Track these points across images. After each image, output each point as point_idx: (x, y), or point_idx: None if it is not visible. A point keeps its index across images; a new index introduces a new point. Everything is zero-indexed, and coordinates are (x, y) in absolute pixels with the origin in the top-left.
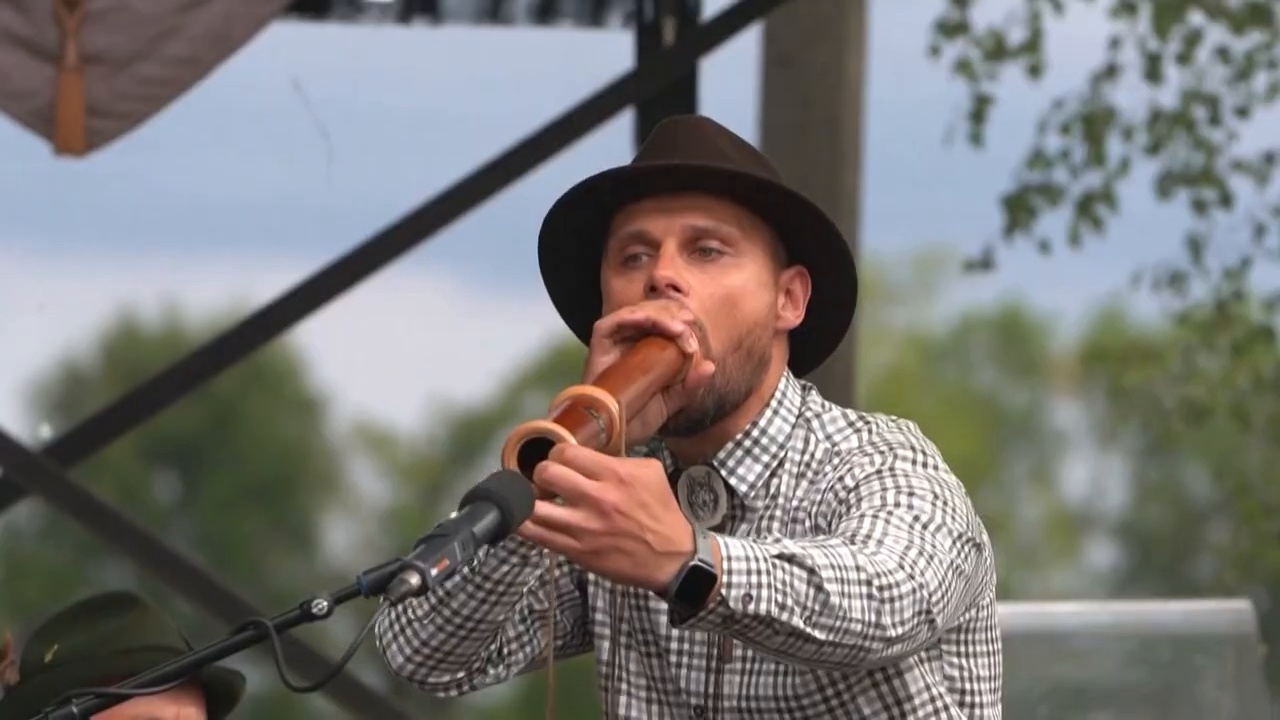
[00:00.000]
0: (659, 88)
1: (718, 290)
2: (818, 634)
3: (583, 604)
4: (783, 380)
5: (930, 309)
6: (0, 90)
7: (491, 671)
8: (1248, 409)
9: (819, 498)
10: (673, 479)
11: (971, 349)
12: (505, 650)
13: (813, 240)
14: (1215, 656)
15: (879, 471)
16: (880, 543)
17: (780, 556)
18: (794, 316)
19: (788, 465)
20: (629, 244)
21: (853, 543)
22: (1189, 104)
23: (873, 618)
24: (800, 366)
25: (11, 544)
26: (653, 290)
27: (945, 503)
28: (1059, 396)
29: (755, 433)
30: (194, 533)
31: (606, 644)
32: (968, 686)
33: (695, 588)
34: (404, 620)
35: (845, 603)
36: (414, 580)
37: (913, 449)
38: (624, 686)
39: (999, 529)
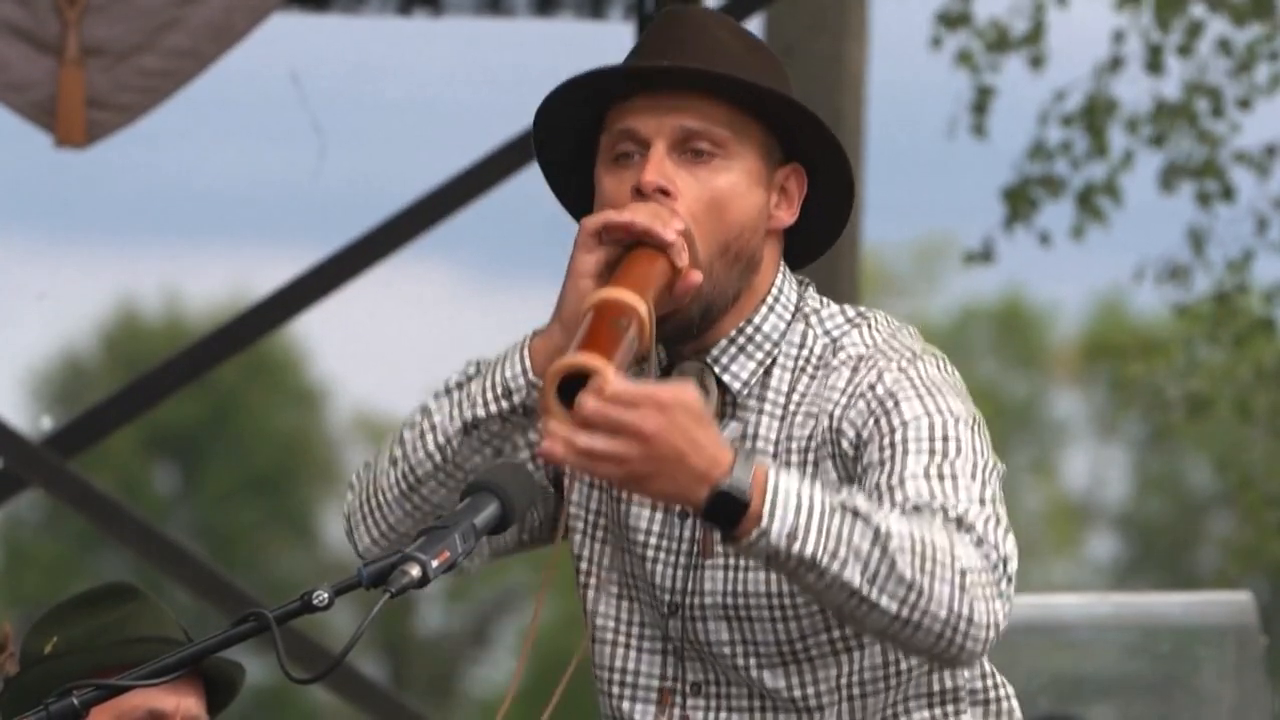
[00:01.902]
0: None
1: (705, 193)
2: (885, 601)
3: (557, 499)
4: (778, 276)
5: (931, 300)
6: (1, 82)
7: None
8: (1249, 401)
9: (838, 398)
10: (665, 374)
11: (972, 340)
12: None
13: (807, 139)
14: (1216, 648)
15: (912, 385)
16: (967, 516)
17: (844, 507)
18: (788, 215)
19: (781, 360)
20: (619, 141)
21: (945, 518)
22: (1191, 96)
23: (964, 609)
24: (797, 262)
25: (12, 535)
26: (640, 194)
27: (979, 424)
28: (1059, 388)
29: (749, 329)
30: (194, 524)
31: (579, 537)
32: None
33: (727, 512)
34: (374, 502)
35: (925, 580)
36: (414, 572)
37: (933, 355)
38: (593, 582)
39: None
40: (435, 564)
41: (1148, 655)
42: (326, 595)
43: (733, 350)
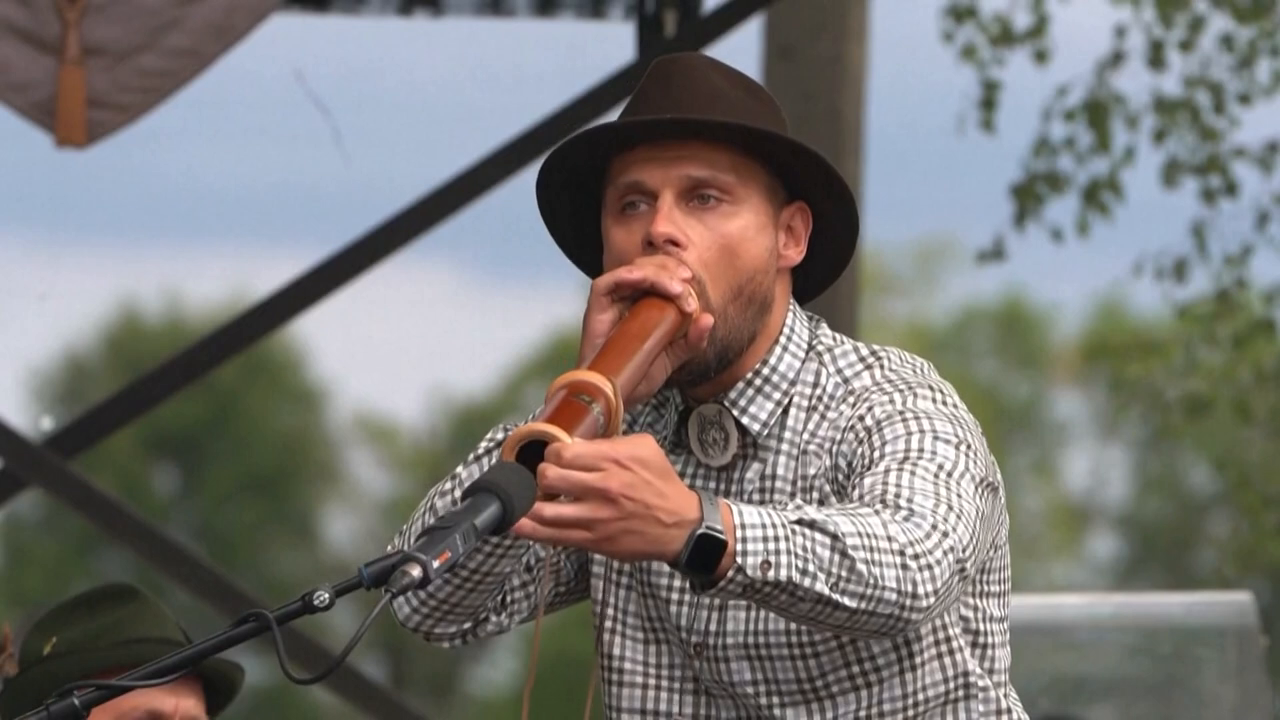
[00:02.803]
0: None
1: (716, 240)
2: (848, 601)
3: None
4: (789, 315)
5: (932, 301)
6: (1, 82)
7: (494, 620)
8: (1249, 402)
9: (837, 435)
10: (683, 417)
11: (973, 341)
12: (509, 600)
13: (809, 175)
14: (1216, 648)
15: (900, 412)
16: (910, 502)
17: (800, 523)
18: (796, 254)
19: (796, 399)
20: (626, 193)
21: (884, 506)
22: (1193, 91)
23: (908, 587)
24: (805, 296)
25: (12, 535)
26: (650, 245)
27: (968, 446)
28: (1060, 388)
29: (765, 370)
30: (194, 524)
31: (601, 584)
32: (981, 627)
33: (706, 555)
34: None
35: (876, 571)
36: (415, 572)
37: (930, 388)
38: (618, 627)
39: None
40: (436, 564)
41: (1148, 656)
42: (327, 596)
43: (750, 392)
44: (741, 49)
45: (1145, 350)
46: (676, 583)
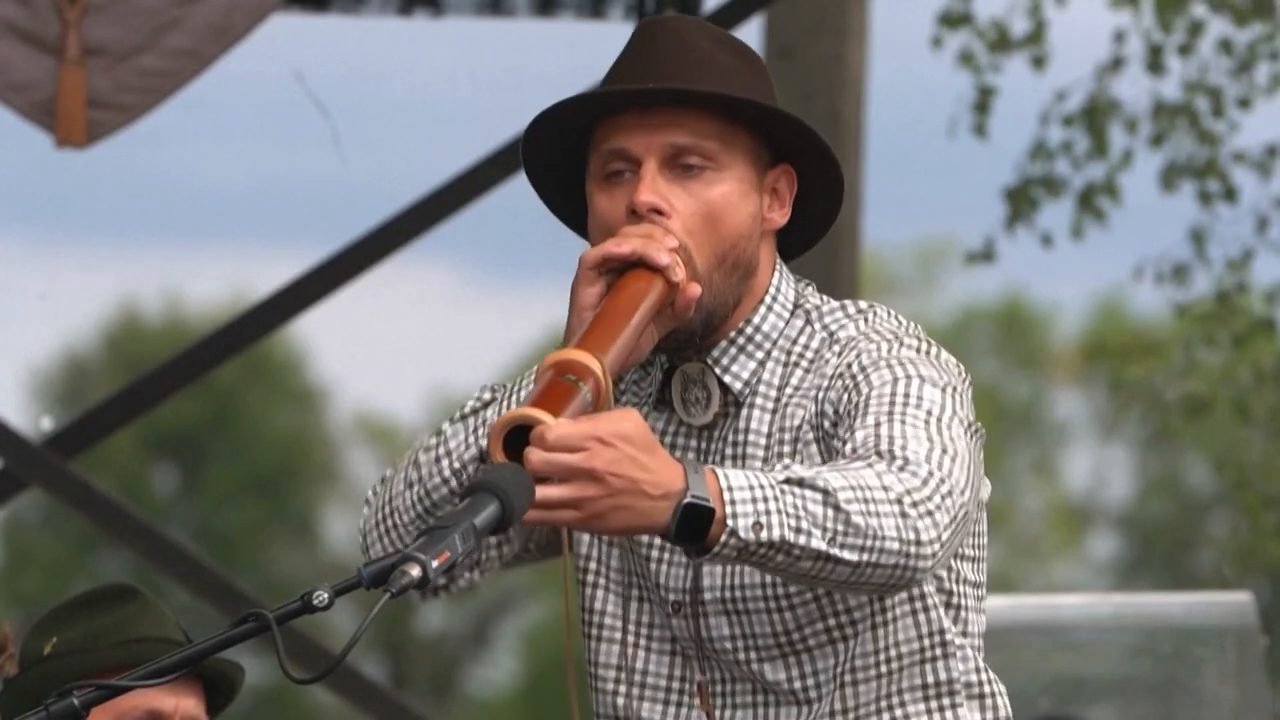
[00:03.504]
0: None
1: (700, 207)
2: (848, 555)
3: None
4: (775, 275)
5: (931, 301)
6: (2, 82)
7: (466, 575)
8: (1248, 402)
9: (824, 383)
10: (667, 375)
11: (973, 341)
12: (482, 556)
13: (794, 140)
14: (1217, 649)
15: (885, 359)
16: (904, 450)
17: (789, 481)
18: (780, 216)
19: (775, 354)
20: (610, 160)
21: (878, 458)
22: (1191, 95)
23: (910, 535)
24: (791, 254)
25: (12, 535)
26: (634, 214)
27: (953, 390)
28: (1060, 388)
29: (749, 330)
30: (194, 524)
31: (586, 538)
32: (954, 589)
33: (695, 524)
34: (390, 522)
35: (875, 522)
36: (415, 572)
37: (917, 338)
38: (601, 580)
39: (1000, 521)
40: (435, 564)
41: (1148, 656)
42: (326, 595)
43: (733, 351)
44: None
45: (1145, 351)
46: (656, 540)
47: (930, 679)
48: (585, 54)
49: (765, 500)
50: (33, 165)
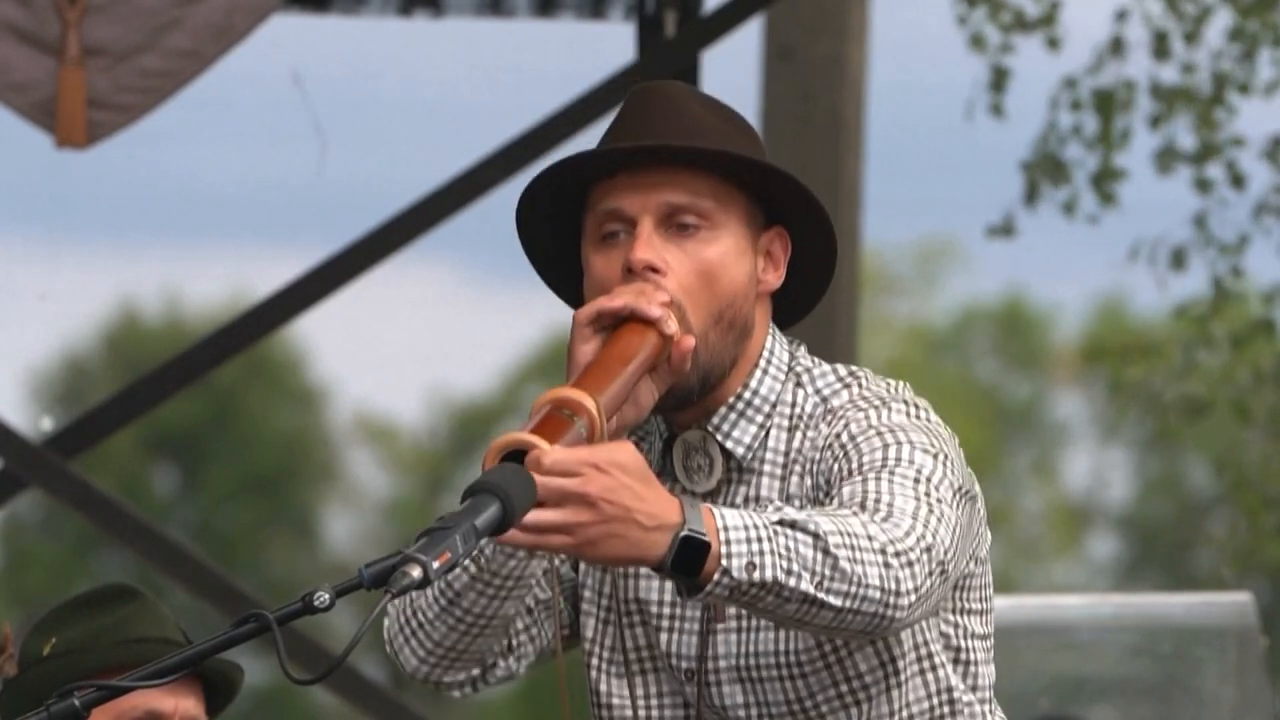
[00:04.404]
0: (660, 80)
1: (695, 266)
2: (833, 600)
3: (575, 587)
4: (769, 339)
5: (931, 300)
6: (2, 83)
7: (503, 664)
8: (1248, 403)
9: (816, 455)
10: (668, 444)
11: (973, 341)
12: (515, 644)
13: (788, 201)
14: (1217, 649)
15: (874, 427)
16: (890, 505)
17: (781, 523)
18: (775, 278)
19: (776, 419)
20: (606, 221)
21: (862, 509)
22: (1192, 78)
23: (891, 585)
24: (784, 322)
25: (12, 535)
26: (630, 272)
27: (945, 456)
28: (1060, 389)
29: (747, 394)
30: (194, 524)
31: (591, 621)
32: (963, 644)
33: (691, 558)
34: (415, 623)
35: (860, 569)
36: (415, 573)
37: (905, 402)
38: (600, 664)
39: (1000, 521)
40: (436, 565)
41: (1149, 656)
42: (327, 596)
43: (733, 416)
44: (741, 49)
45: (1144, 352)
46: (666, 610)
47: None
48: (585, 54)
49: (760, 540)
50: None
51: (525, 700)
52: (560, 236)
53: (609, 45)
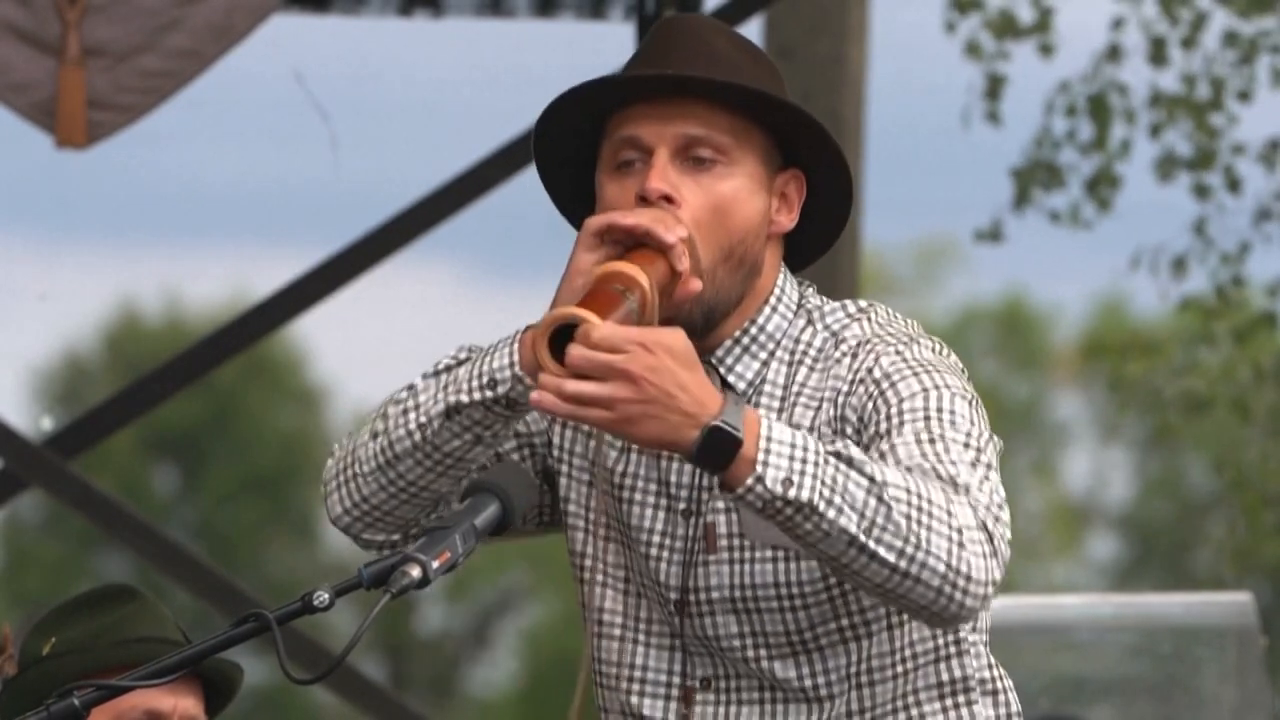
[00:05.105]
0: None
1: (709, 200)
2: (884, 552)
3: (552, 492)
4: (780, 277)
5: (931, 300)
6: (2, 83)
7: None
8: (1248, 400)
9: (841, 386)
10: None
11: (973, 341)
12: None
13: (807, 144)
14: (1216, 649)
15: (908, 364)
16: (961, 479)
17: (838, 455)
18: (788, 220)
19: (779, 354)
20: (622, 149)
21: (937, 479)
22: (1190, 86)
23: (961, 566)
24: (796, 265)
25: (12, 535)
26: (644, 200)
27: (975, 400)
28: (1060, 389)
29: (754, 330)
30: (194, 524)
31: (580, 535)
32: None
33: (718, 452)
34: (351, 472)
35: (921, 532)
36: (415, 572)
37: (927, 337)
38: (600, 579)
39: None
40: (436, 565)
41: (1148, 656)
42: (327, 596)
43: (737, 351)
44: None
45: (1144, 349)
46: (656, 538)
47: (945, 677)
48: (585, 54)
49: (804, 461)
50: (33, 165)
51: (526, 701)
52: (576, 165)
53: (609, 45)
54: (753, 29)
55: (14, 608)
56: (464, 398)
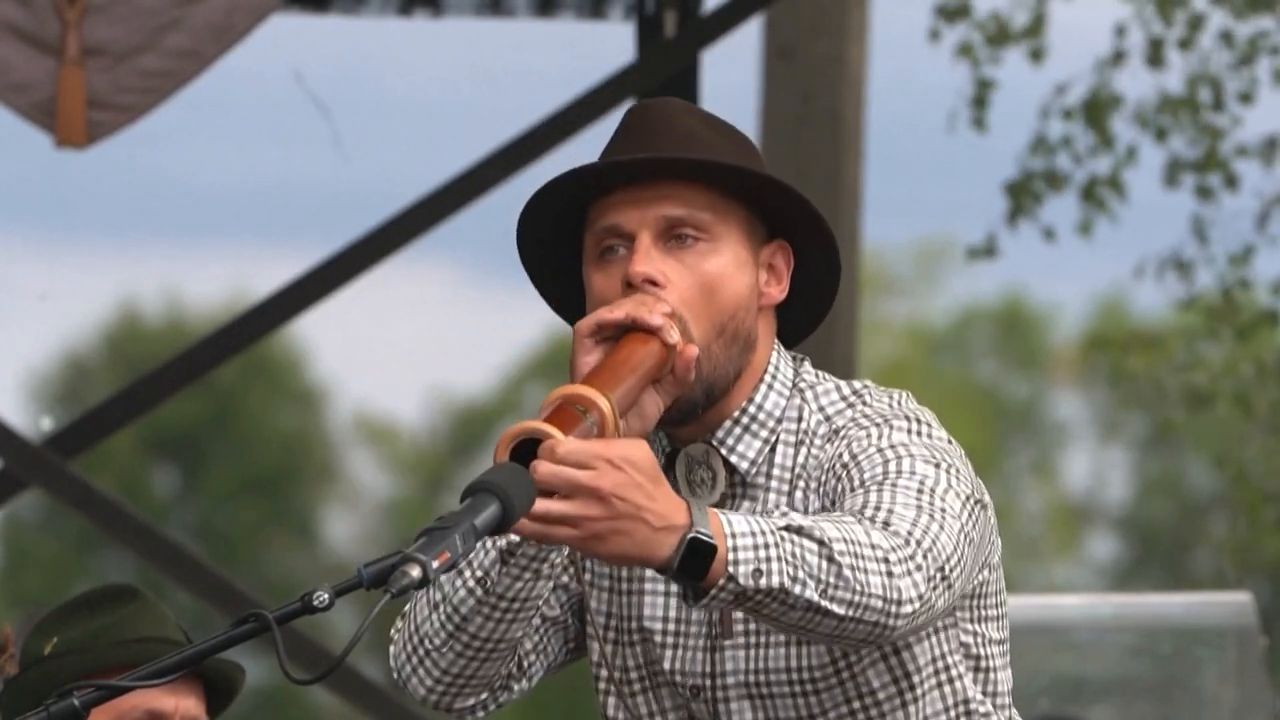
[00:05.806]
0: (660, 80)
1: (695, 279)
2: (835, 608)
3: (579, 620)
4: (774, 354)
5: (931, 301)
6: (2, 83)
7: (515, 687)
8: (1250, 397)
9: (821, 475)
10: (670, 459)
11: (973, 341)
12: (525, 663)
13: (790, 214)
14: (1216, 649)
15: (876, 445)
16: (890, 513)
17: (788, 529)
18: (778, 292)
19: (783, 436)
20: (604, 238)
21: (863, 517)
22: (1193, 88)
23: (893, 594)
24: (790, 339)
25: (12, 535)
26: (630, 286)
27: (948, 467)
28: (1060, 389)
29: (752, 409)
30: (194, 524)
31: (596, 645)
32: (982, 651)
33: (697, 561)
34: (422, 650)
35: (862, 577)
36: (415, 572)
37: (907, 418)
38: (613, 688)
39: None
40: (435, 564)
41: (1148, 656)
42: (327, 596)
43: (738, 431)
44: (741, 49)
45: (1146, 345)
46: (671, 627)
47: None
48: (585, 54)
49: (767, 547)
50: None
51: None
52: (562, 258)
53: (609, 45)
54: (753, 29)
55: (14, 608)
56: (514, 537)
